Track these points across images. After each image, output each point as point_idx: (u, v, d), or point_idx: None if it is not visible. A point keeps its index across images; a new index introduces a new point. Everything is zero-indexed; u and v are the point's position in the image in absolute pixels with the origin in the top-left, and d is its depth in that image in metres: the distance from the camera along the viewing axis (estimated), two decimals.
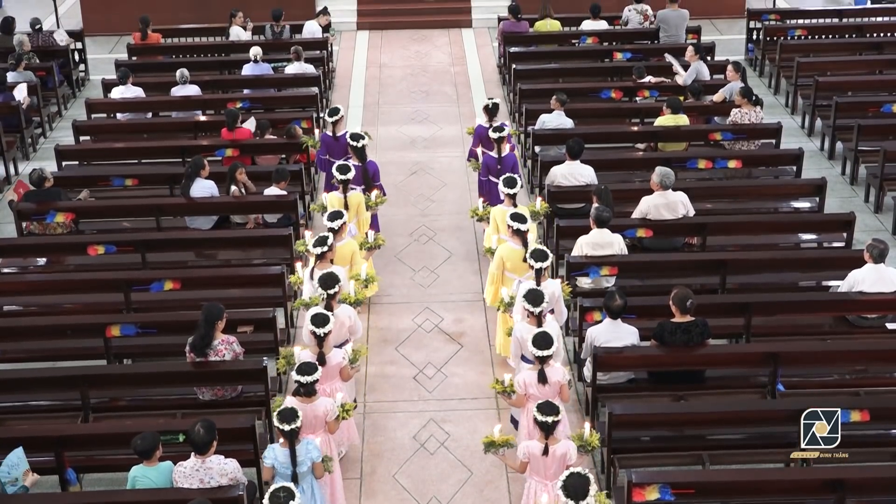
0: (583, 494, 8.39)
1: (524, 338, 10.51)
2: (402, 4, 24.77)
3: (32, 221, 14.64)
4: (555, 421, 9.23)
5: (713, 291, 13.04)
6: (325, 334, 10.38)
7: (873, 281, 12.10)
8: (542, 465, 9.42)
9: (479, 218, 13.72)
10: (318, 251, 11.74)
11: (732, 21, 23.95)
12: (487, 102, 15.59)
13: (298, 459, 9.38)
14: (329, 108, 16.06)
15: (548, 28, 20.85)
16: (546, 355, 10.02)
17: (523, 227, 12.02)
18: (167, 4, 23.91)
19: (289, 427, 9.22)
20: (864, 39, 20.97)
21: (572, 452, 9.39)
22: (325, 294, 10.97)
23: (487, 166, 14.85)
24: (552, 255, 11.93)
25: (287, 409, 9.32)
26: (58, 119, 19.87)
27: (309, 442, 9.50)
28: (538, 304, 10.53)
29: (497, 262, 12.30)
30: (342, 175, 13.48)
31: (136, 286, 12.93)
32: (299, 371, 9.82)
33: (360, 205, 13.77)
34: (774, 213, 15.10)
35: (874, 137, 16.58)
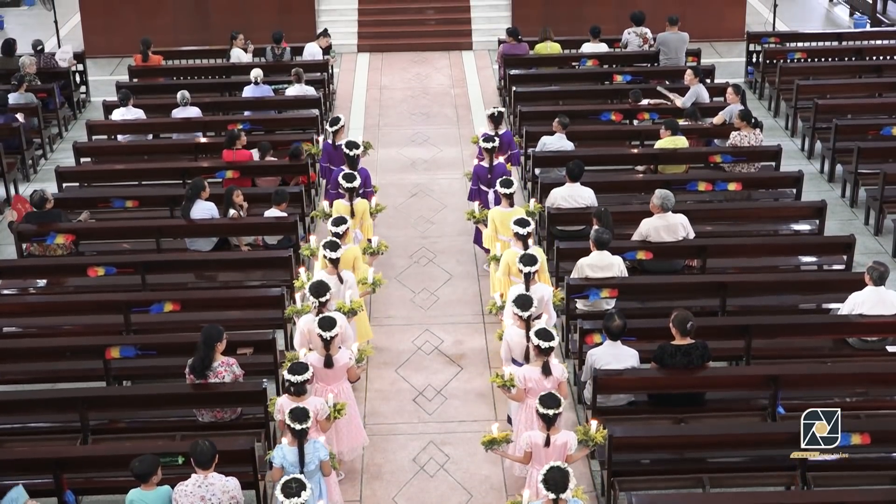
0: (563, 487, 8.60)
1: (514, 341, 10.99)
2: (402, 27, 24.83)
3: (32, 243, 14.64)
4: (556, 413, 9.56)
5: (713, 314, 13.03)
6: (331, 337, 10.60)
7: (873, 303, 12.09)
8: (543, 455, 9.67)
9: (477, 220, 14.23)
10: (334, 255, 12.06)
11: (732, 44, 24.00)
12: (493, 111, 15.86)
13: (306, 459, 9.54)
14: (331, 117, 16.39)
15: (548, 50, 20.89)
16: (548, 347, 10.31)
17: (522, 230, 12.38)
18: (168, 26, 23.99)
19: (300, 426, 9.43)
20: (863, 62, 21.01)
21: (572, 442, 9.74)
22: (316, 302, 11.23)
23: (478, 175, 15.04)
24: (542, 258, 12.18)
25: (299, 409, 9.53)
26: (58, 140, 19.89)
27: (316, 441, 9.70)
28: (526, 309, 10.82)
29: (503, 268, 12.69)
30: (348, 183, 13.81)
31: (135, 308, 12.93)
32: (290, 371, 10.08)
33: (365, 212, 14.15)
34: (774, 235, 15.10)
35: (874, 160, 16.59)
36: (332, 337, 10.60)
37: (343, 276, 12.26)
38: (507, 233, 13.13)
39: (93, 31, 24.38)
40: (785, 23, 24.43)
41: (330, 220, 12.86)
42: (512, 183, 13.53)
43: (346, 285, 12.27)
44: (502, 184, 13.52)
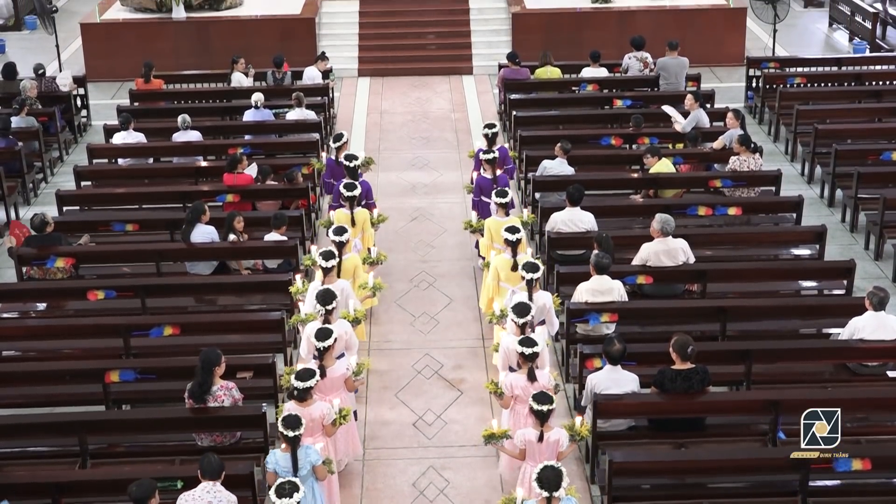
0: (556, 486, 8.99)
1: (510, 348, 11.27)
2: (403, 51, 24.90)
3: (33, 266, 14.64)
4: (549, 409, 10.02)
5: (713, 338, 13.02)
6: (325, 348, 10.91)
7: (874, 328, 12.09)
8: (536, 451, 10.14)
9: (474, 229, 14.75)
10: (328, 265, 12.42)
11: (732, 69, 24.06)
12: (487, 132, 16.06)
13: (299, 464, 9.74)
14: (334, 133, 16.77)
15: (548, 75, 20.94)
16: (531, 353, 10.69)
17: (512, 237, 12.80)
18: (169, 51, 24.05)
19: (292, 433, 9.66)
20: (863, 87, 21.05)
21: (564, 440, 10.23)
22: (323, 310, 11.51)
23: (481, 187, 15.33)
24: (543, 268, 12.62)
25: (291, 416, 9.77)
26: (59, 164, 19.92)
27: (308, 447, 9.91)
28: (523, 315, 11.19)
29: (492, 274, 13.20)
30: (349, 192, 14.26)
31: (135, 331, 12.92)
32: (297, 377, 10.34)
33: (366, 221, 14.61)
34: (774, 260, 15.10)
35: (874, 185, 16.61)
36: (325, 348, 10.91)
37: (337, 286, 12.42)
38: (501, 242, 13.42)
39: (94, 55, 24.43)
40: (784, 48, 24.50)
41: (331, 229, 13.32)
42: (507, 193, 14.05)
43: (344, 294, 12.50)
44: (497, 194, 14.08)
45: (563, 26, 24.39)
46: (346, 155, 15.31)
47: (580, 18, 24.61)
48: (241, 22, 24.78)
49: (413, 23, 25.39)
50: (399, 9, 25.65)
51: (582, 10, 24.73)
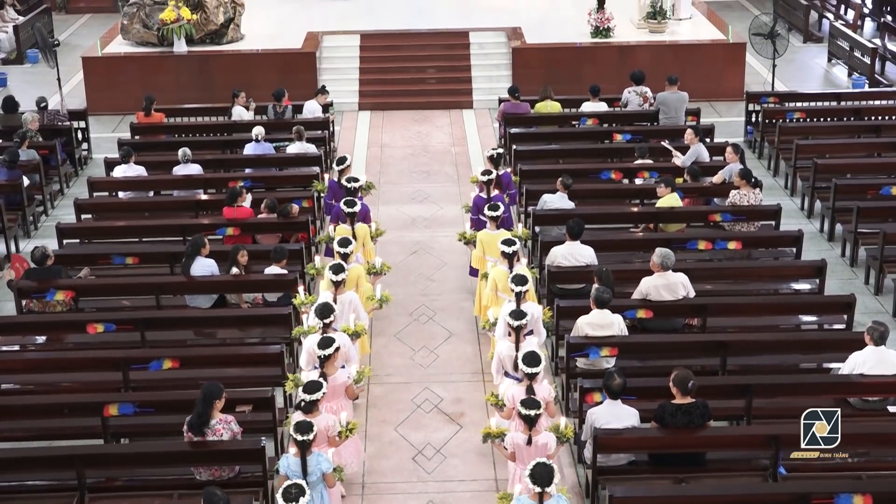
0: (548, 482, 9.38)
1: (504, 355, 11.94)
2: (403, 85, 24.97)
3: (32, 299, 14.63)
4: (537, 414, 10.45)
5: (714, 373, 13.00)
6: (328, 356, 11.37)
7: (874, 363, 12.07)
8: (525, 455, 10.53)
9: (467, 241, 15.33)
10: (338, 278, 12.91)
11: (731, 103, 24.12)
12: (492, 152, 16.73)
13: (309, 469, 10.06)
14: (337, 156, 17.23)
15: (548, 109, 20.99)
16: (534, 372, 11.06)
17: (508, 249, 13.40)
18: (171, 84, 24.13)
19: (301, 437, 10.01)
20: (862, 122, 21.10)
21: (552, 443, 10.63)
22: (321, 323, 12.05)
23: (477, 206, 15.75)
24: (532, 279, 13.29)
25: (303, 422, 10.16)
26: (60, 197, 19.95)
27: (320, 454, 10.24)
28: (519, 319, 11.74)
29: (490, 285, 13.73)
30: (349, 209, 14.73)
31: (134, 365, 12.90)
32: (305, 389, 10.75)
33: (366, 236, 15.06)
34: (775, 294, 15.09)
35: (873, 219, 16.63)
36: (328, 355, 11.36)
37: (343, 298, 13.04)
38: (493, 254, 14.19)
39: (95, 88, 24.51)
40: (784, 83, 24.57)
41: (336, 241, 13.90)
42: (499, 207, 14.71)
43: (351, 306, 13.05)
44: (489, 208, 14.72)
45: (563, 61, 24.47)
46: (347, 178, 15.82)
47: (580, 53, 24.71)
48: (242, 56, 24.88)
49: (413, 57, 25.48)
50: (399, 43, 25.75)
51: (582, 45, 24.83)
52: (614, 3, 25.32)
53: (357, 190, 15.62)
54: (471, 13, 27.44)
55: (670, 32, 25.41)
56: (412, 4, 28.33)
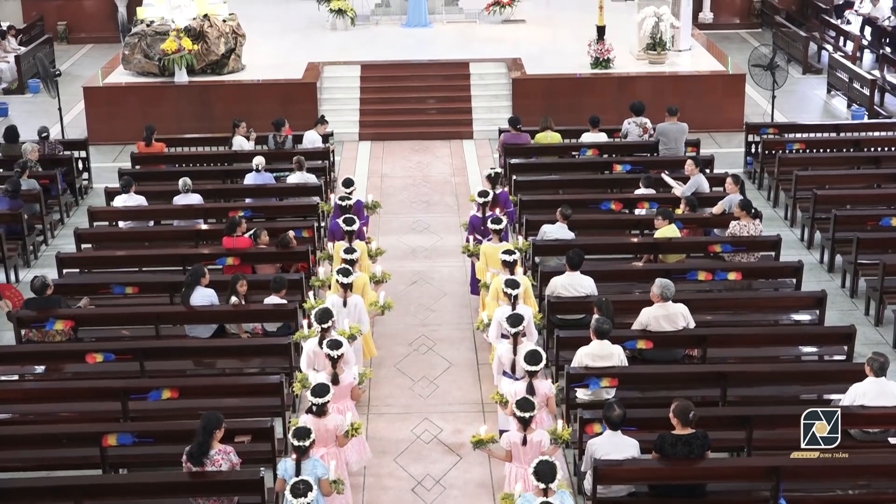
0: (551, 478, 9.90)
1: (503, 355, 12.62)
2: (403, 116, 25.02)
3: (31, 329, 14.61)
4: (530, 416, 11.01)
5: (714, 404, 12.97)
6: (338, 356, 11.95)
7: (875, 394, 12.04)
8: (521, 453, 11.13)
9: (470, 253, 16.01)
10: (347, 281, 13.67)
11: (731, 134, 24.15)
12: (490, 172, 17.28)
13: (303, 474, 10.33)
14: (344, 178, 17.56)
15: (548, 140, 21.02)
16: (535, 370, 11.70)
17: (509, 258, 14.09)
18: (171, 114, 24.17)
19: (297, 443, 10.43)
20: (861, 153, 21.12)
21: (546, 441, 11.18)
22: (319, 328, 12.57)
23: (473, 225, 16.38)
24: (527, 284, 14.09)
25: (302, 428, 10.57)
26: (60, 227, 19.96)
27: (316, 460, 10.62)
28: (515, 326, 12.36)
29: (492, 293, 14.34)
30: (348, 227, 15.14)
31: (133, 395, 12.86)
32: (313, 392, 11.20)
33: (364, 253, 15.45)
34: (775, 325, 15.08)
35: (873, 250, 16.63)
36: (339, 356, 11.95)
37: (351, 301, 13.76)
38: (495, 265, 14.74)
39: (96, 118, 24.55)
40: (783, 114, 24.62)
41: (342, 249, 14.65)
42: (501, 220, 15.37)
43: (356, 309, 13.79)
44: (493, 221, 15.36)
45: (563, 92, 24.53)
46: (340, 196, 16.61)
47: (580, 84, 24.77)
48: (242, 86, 24.95)
49: (414, 87, 25.54)
50: (400, 73, 25.82)
51: (582, 76, 24.91)
52: (614, 35, 25.40)
53: (350, 208, 16.15)
54: (471, 44, 27.53)
55: (670, 63, 25.47)
56: (412, 35, 28.46)
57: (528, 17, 29.86)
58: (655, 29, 25.04)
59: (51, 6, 32.95)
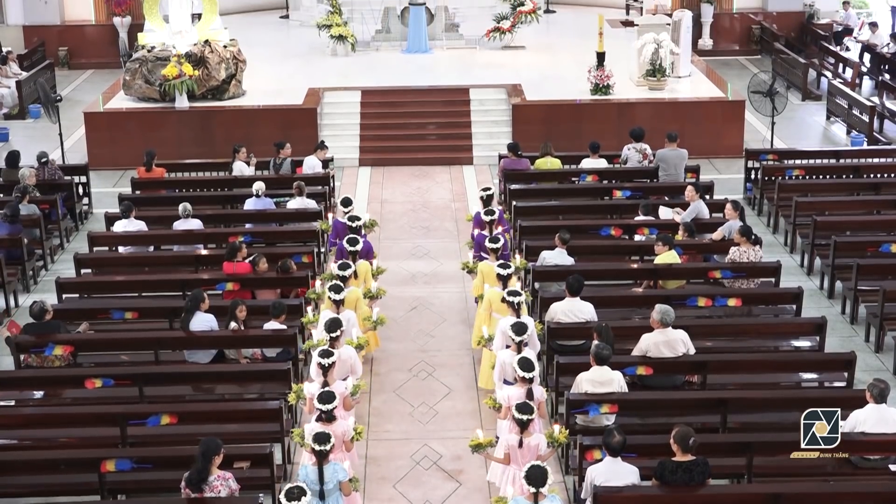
0: (542, 482, 10.15)
1: (506, 363, 12.87)
2: (403, 141, 25.07)
3: (31, 354, 14.59)
4: (529, 419, 11.32)
5: (714, 430, 12.95)
6: (329, 365, 12.14)
7: (875, 421, 12.02)
8: (518, 455, 11.44)
9: (469, 270, 16.40)
10: (339, 297, 13.99)
11: (731, 160, 24.17)
12: (482, 194, 17.45)
13: (325, 478, 10.69)
14: (342, 197, 17.96)
15: (548, 165, 21.05)
16: (531, 376, 12.02)
17: (504, 272, 14.46)
18: (172, 140, 24.20)
19: (319, 447, 10.70)
20: (861, 180, 21.16)
21: (543, 444, 11.56)
22: (328, 336, 13.01)
23: (479, 244, 16.49)
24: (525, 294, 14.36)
25: (322, 433, 10.82)
26: (60, 252, 19.95)
27: (336, 464, 10.94)
28: (521, 334, 12.72)
29: (485, 305, 14.76)
30: (351, 247, 15.49)
31: (132, 420, 12.83)
32: (320, 400, 11.43)
33: (367, 273, 15.82)
34: (775, 351, 15.07)
35: (873, 277, 16.64)
36: (329, 365, 12.14)
37: (343, 316, 13.87)
38: (492, 283, 15.02)
39: (97, 143, 24.57)
40: (783, 140, 24.66)
41: (336, 265, 15.04)
42: (499, 240, 15.68)
43: (349, 324, 13.93)
44: (490, 240, 15.65)
45: (563, 117, 24.58)
46: (349, 216, 16.78)
47: (580, 110, 24.83)
48: (243, 111, 25.00)
49: (414, 113, 25.59)
50: (400, 99, 25.87)
51: (581, 102, 24.96)
52: (614, 61, 25.47)
53: (359, 230, 16.46)
54: (471, 70, 27.61)
55: (670, 90, 25.53)
56: (413, 61, 28.55)
57: (527, 43, 29.95)
58: (655, 55, 25.12)
59: (52, 31, 33.04)
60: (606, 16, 27.23)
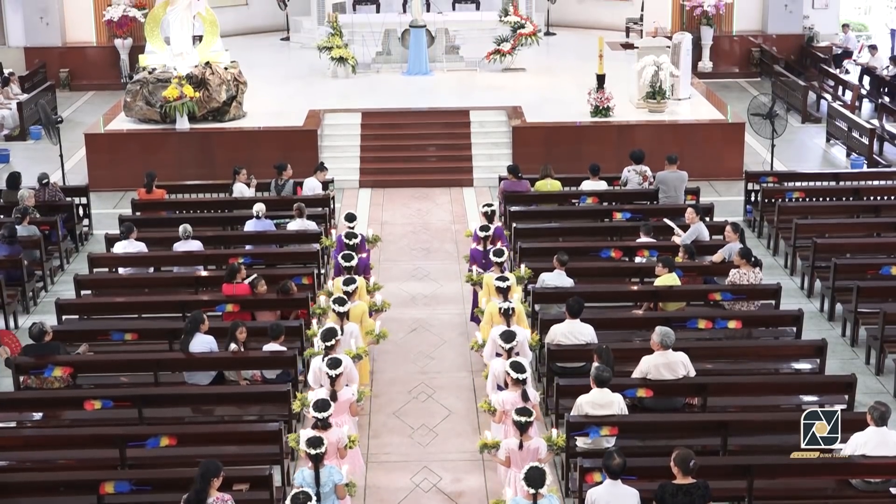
0: (541, 483, 10.45)
1: (498, 370, 13.26)
2: (403, 163, 25.09)
3: (30, 375, 14.57)
4: (528, 421, 11.72)
5: (714, 453, 12.92)
6: (337, 375, 12.52)
7: (876, 444, 12.00)
8: (518, 458, 11.71)
9: (474, 283, 16.58)
10: (342, 310, 14.27)
11: (731, 183, 24.19)
12: (485, 209, 17.75)
13: (322, 481, 11.03)
14: (346, 213, 17.99)
15: (548, 188, 21.06)
16: (523, 377, 12.48)
17: (503, 284, 14.86)
18: (172, 161, 24.21)
19: (314, 451, 11.01)
20: (861, 202, 21.17)
21: (543, 448, 11.91)
22: (324, 346, 13.32)
23: (475, 258, 16.88)
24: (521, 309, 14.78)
25: (315, 437, 11.14)
26: (60, 273, 19.94)
27: (332, 467, 11.26)
28: (509, 342, 13.17)
29: (487, 318, 14.97)
30: (346, 262, 15.78)
31: (131, 442, 12.81)
32: (315, 407, 11.71)
33: (363, 288, 15.83)
34: (775, 374, 15.05)
35: (874, 299, 16.62)
36: (337, 374, 12.53)
37: (347, 329, 14.33)
38: (494, 295, 15.29)
39: (97, 165, 24.59)
40: (783, 163, 24.68)
41: (341, 280, 15.25)
42: (503, 252, 15.95)
43: (352, 336, 14.38)
44: (494, 254, 15.96)
45: (563, 139, 24.61)
46: (346, 233, 16.84)
47: (580, 132, 24.86)
48: (243, 133, 25.02)
49: (414, 135, 25.62)
50: (400, 121, 25.91)
51: (582, 124, 24.99)
52: (614, 83, 25.52)
53: (356, 247, 16.54)
54: (471, 92, 27.67)
55: (669, 112, 25.57)
56: (413, 83, 28.61)
57: (528, 65, 30.04)
58: (655, 78, 25.16)
59: (53, 53, 33.11)
60: (606, 38, 27.26)
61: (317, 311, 15.92)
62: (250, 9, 35.92)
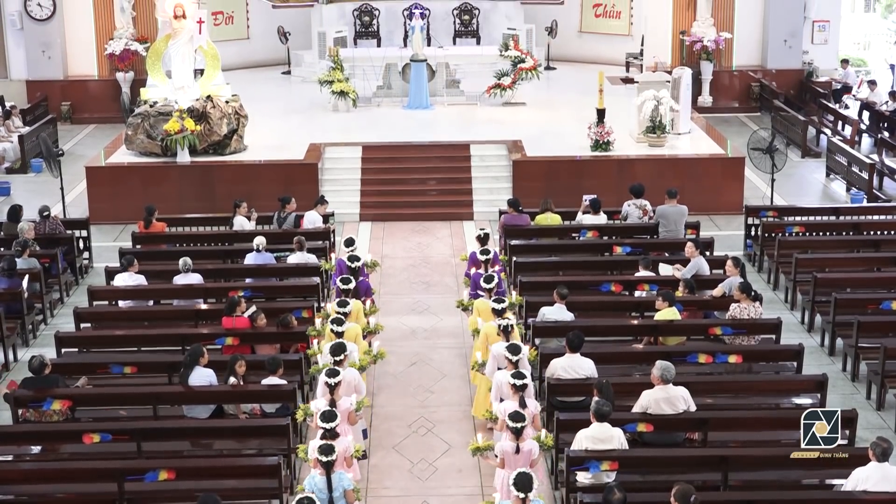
0: (529, 488, 10.87)
1: (502, 382, 13.58)
2: (404, 197, 25.12)
3: (29, 408, 14.53)
4: (522, 426, 12.21)
5: (715, 488, 12.88)
6: (336, 384, 13.06)
7: (877, 480, 11.95)
8: (513, 461, 12.14)
9: (465, 307, 17.21)
10: (340, 329, 14.66)
11: (731, 217, 24.21)
12: (479, 232, 18.27)
13: (333, 486, 11.52)
14: (346, 238, 18.33)
15: (548, 221, 21.08)
16: (522, 384, 12.94)
17: (499, 306, 15.13)
18: (173, 194, 24.24)
19: (325, 459, 11.53)
20: (861, 237, 21.18)
21: (535, 450, 12.39)
22: (333, 360, 13.76)
23: (475, 282, 17.03)
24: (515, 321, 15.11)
25: (326, 445, 11.65)
26: (60, 306, 19.93)
27: (342, 473, 11.74)
28: (517, 354, 13.64)
29: (482, 339, 15.35)
30: (344, 286, 16.17)
31: (130, 476, 12.76)
32: (322, 418, 12.11)
33: (359, 311, 16.12)
34: (776, 409, 15.01)
35: (874, 334, 16.61)
36: (335, 384, 13.04)
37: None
38: (487, 318, 15.59)
39: (98, 198, 24.62)
40: (783, 197, 24.71)
41: (336, 301, 15.58)
42: (493, 279, 16.21)
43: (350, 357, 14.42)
44: (485, 280, 16.23)
45: (563, 173, 24.64)
46: (349, 256, 17.20)
47: (580, 166, 24.90)
48: (244, 167, 25.07)
49: (414, 168, 25.67)
50: (401, 155, 25.96)
51: (582, 158, 25.04)
52: (614, 117, 25.58)
53: (357, 270, 17.00)
54: (472, 126, 27.73)
55: (669, 146, 25.63)
56: (414, 117, 28.68)
57: (528, 99, 30.12)
58: (655, 112, 25.23)
59: (55, 86, 33.22)
60: (607, 73, 27.36)
61: (311, 332, 16.09)
62: (252, 43, 36.05)
